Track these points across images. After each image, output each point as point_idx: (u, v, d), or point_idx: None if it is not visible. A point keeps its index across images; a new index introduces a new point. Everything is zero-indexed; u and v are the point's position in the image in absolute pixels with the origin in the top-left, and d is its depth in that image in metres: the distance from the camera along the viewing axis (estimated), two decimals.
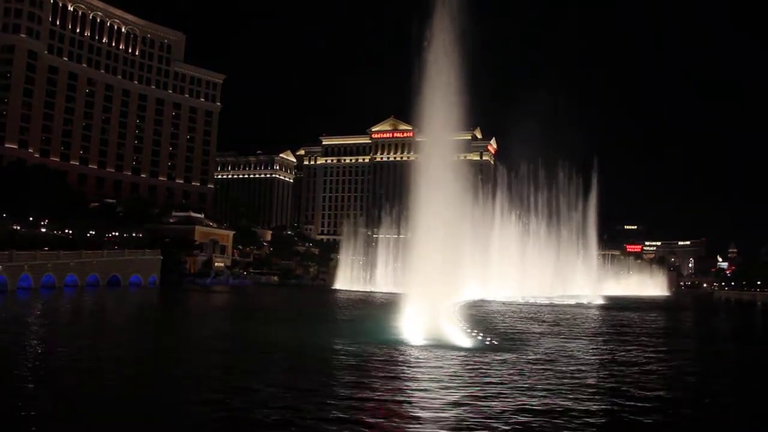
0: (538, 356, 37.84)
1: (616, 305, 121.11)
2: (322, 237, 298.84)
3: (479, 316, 68.70)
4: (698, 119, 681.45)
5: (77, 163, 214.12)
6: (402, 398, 24.99)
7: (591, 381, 30.53)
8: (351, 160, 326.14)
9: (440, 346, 39.33)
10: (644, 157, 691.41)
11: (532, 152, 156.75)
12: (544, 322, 68.18)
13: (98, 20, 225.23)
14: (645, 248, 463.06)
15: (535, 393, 26.50)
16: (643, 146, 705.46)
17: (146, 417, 21.83)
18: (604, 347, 46.03)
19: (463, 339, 42.76)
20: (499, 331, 53.00)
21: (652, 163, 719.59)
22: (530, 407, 23.83)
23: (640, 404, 25.76)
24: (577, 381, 29.97)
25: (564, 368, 33.66)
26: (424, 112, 51.76)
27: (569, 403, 24.78)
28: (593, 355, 40.63)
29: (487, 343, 42.65)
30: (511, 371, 31.81)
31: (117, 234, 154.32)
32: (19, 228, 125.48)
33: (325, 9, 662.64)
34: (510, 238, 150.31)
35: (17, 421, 20.52)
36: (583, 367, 34.61)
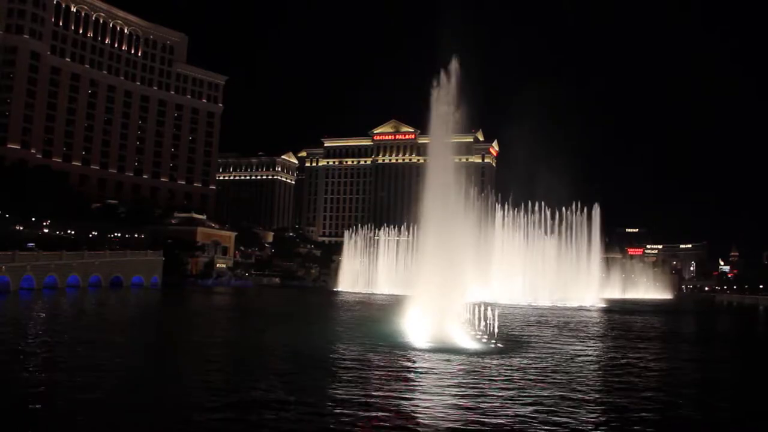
0: (542, 359, 37.71)
1: (617, 309, 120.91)
2: (323, 239, 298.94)
3: (483, 319, 68.47)
4: (700, 120, 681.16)
5: (79, 164, 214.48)
6: (405, 403, 24.85)
7: (594, 383, 30.44)
8: (353, 161, 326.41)
9: (444, 349, 39.19)
10: (646, 160, 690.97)
11: (533, 154, 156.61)
12: (546, 325, 68.05)
13: (101, 21, 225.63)
14: (647, 251, 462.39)
15: (540, 395, 26.37)
16: (645, 148, 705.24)
17: (144, 420, 21.72)
18: (607, 350, 45.92)
19: (468, 342, 42.61)
20: (502, 333, 52.79)
21: (654, 165, 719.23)
22: (535, 409, 23.71)
23: (642, 405, 25.74)
24: (580, 383, 29.86)
25: (568, 370, 33.55)
26: (427, 116, 51.80)
27: (572, 404, 24.69)
28: (596, 358, 40.51)
29: (492, 346, 42.50)
30: (517, 374, 31.68)
31: (119, 235, 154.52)
32: (21, 228, 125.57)
33: (327, 10, 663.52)
34: (512, 240, 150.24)
35: (17, 422, 20.46)
36: (586, 370, 34.52)
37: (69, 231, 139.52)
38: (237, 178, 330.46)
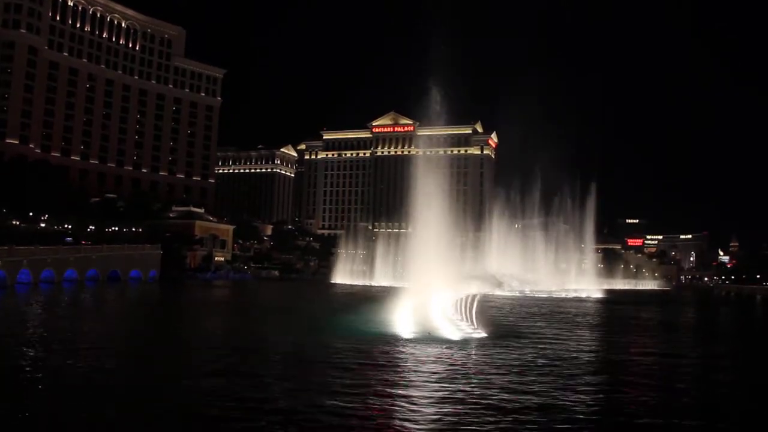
0: (533, 349, 38.05)
1: (614, 299, 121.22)
2: (323, 231, 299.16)
3: (477, 310, 68.72)
4: (700, 111, 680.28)
5: (78, 159, 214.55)
6: (388, 393, 25.21)
7: (584, 375, 30.38)
8: (352, 154, 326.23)
9: (435, 339, 39.58)
10: (646, 151, 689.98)
11: (533, 146, 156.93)
12: (540, 315, 68.37)
13: (98, 15, 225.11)
14: (646, 242, 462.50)
15: (528, 386, 26.70)
16: (645, 140, 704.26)
17: (134, 416, 22.10)
18: (599, 340, 46.28)
19: (459, 332, 42.96)
20: (495, 324, 53.14)
21: (654, 156, 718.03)
22: (523, 399, 24.05)
23: (632, 398, 25.90)
24: (570, 375, 29.99)
25: (557, 361, 33.82)
26: (424, 108, 52.04)
27: (562, 397, 24.98)
28: (587, 349, 40.74)
29: (481, 336, 42.86)
30: (494, 364, 32.00)
31: (117, 229, 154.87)
32: (18, 223, 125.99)
33: (326, 4, 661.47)
34: (510, 231, 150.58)
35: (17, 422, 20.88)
36: (576, 362, 34.55)
37: (67, 225, 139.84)
38: (236, 171, 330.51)
